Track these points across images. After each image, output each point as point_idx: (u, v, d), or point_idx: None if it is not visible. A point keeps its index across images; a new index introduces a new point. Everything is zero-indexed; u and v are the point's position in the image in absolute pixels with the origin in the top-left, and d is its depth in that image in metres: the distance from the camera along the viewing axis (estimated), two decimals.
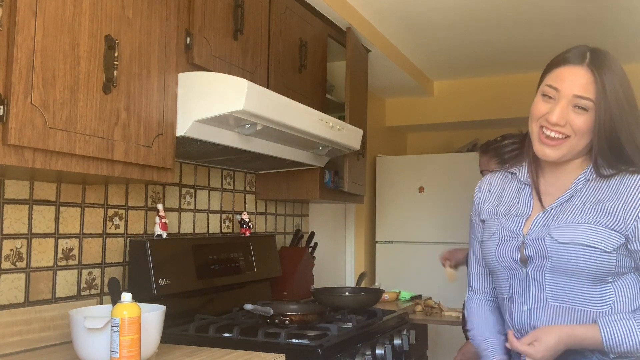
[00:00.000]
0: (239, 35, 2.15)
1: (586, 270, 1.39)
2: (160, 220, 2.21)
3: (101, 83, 1.56)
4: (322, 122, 2.30)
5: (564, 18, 3.22)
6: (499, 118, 4.42)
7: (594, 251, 1.37)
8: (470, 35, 3.53)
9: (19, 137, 1.33)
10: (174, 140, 1.83)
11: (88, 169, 1.54)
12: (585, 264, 1.38)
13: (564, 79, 1.42)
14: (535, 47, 3.71)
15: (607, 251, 1.37)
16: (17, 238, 1.77)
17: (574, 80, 1.41)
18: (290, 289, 2.87)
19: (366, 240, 4.32)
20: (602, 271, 1.38)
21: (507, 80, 4.43)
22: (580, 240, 1.39)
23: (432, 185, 4.24)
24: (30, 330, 1.76)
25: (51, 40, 1.41)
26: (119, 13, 1.62)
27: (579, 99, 1.40)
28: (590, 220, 1.40)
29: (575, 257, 1.39)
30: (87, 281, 1.99)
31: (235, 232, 2.77)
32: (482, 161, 2.39)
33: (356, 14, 3.12)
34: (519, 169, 1.58)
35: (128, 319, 1.45)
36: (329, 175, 2.97)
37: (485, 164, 2.37)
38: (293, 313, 2.14)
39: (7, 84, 1.32)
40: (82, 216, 1.97)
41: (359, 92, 3.13)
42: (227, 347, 1.85)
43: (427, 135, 5.21)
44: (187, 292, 2.21)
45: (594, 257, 1.37)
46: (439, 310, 3.04)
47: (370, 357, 2.07)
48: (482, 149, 2.42)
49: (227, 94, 1.83)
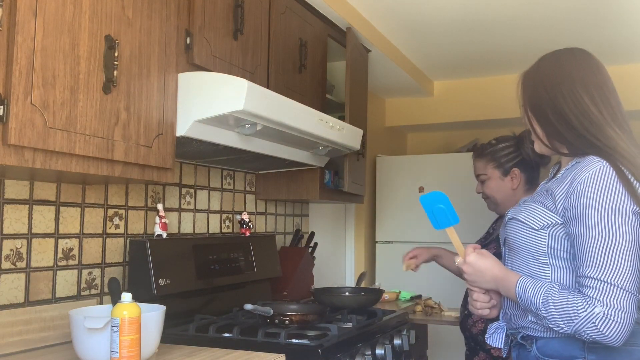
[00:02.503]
0: (239, 35, 2.15)
1: (521, 245, 1.47)
2: (160, 220, 2.21)
3: (101, 83, 1.56)
4: (322, 122, 2.30)
5: (563, 18, 3.22)
6: (499, 118, 4.42)
7: (524, 226, 1.46)
8: (470, 35, 3.53)
9: (19, 137, 1.33)
10: (174, 140, 1.83)
11: (88, 169, 1.54)
12: (517, 239, 1.48)
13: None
14: (535, 47, 3.71)
15: (535, 228, 1.43)
16: (17, 238, 1.77)
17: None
18: (290, 289, 2.87)
19: (366, 240, 4.32)
20: (533, 248, 1.44)
21: (507, 80, 4.43)
22: (517, 215, 1.49)
23: (432, 185, 4.23)
24: (30, 330, 1.76)
25: (51, 40, 1.41)
26: (119, 13, 1.62)
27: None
28: (537, 200, 1.48)
29: (512, 232, 1.50)
30: (87, 281, 1.99)
31: (235, 232, 2.77)
32: (479, 166, 2.38)
33: (356, 14, 3.12)
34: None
35: (128, 319, 1.45)
36: (329, 175, 2.97)
37: (482, 169, 2.36)
38: (293, 313, 2.13)
39: (7, 84, 1.32)
40: (82, 216, 1.97)
41: (359, 92, 3.13)
42: (227, 347, 1.85)
43: (427, 135, 5.21)
44: (187, 292, 2.21)
45: (523, 233, 1.46)
46: (439, 310, 3.04)
47: (370, 357, 2.07)
48: (477, 153, 2.40)
49: (227, 94, 1.83)
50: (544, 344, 1.43)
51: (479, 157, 2.38)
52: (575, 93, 1.42)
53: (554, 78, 1.46)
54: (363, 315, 2.45)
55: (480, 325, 2.31)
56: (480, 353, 2.32)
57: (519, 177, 2.29)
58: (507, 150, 2.31)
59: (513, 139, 2.33)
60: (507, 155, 2.30)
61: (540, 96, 1.47)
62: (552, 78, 1.46)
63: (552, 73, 1.47)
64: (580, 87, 1.43)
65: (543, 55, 1.54)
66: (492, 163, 2.32)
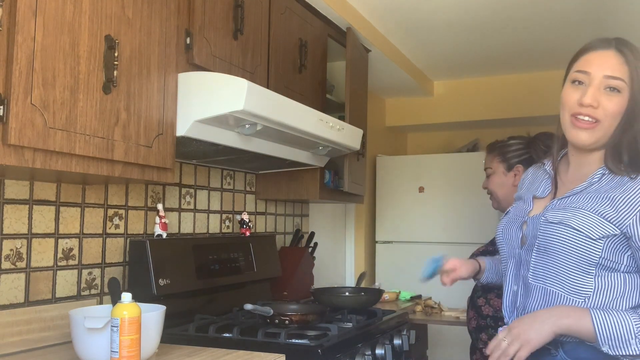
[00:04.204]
0: (239, 35, 2.15)
1: (567, 253, 1.38)
2: (160, 220, 2.22)
3: (101, 83, 1.56)
4: (322, 122, 2.30)
5: (564, 18, 3.22)
6: (499, 118, 4.43)
7: (579, 234, 1.36)
8: (470, 35, 3.53)
9: (19, 137, 1.33)
10: (174, 140, 1.83)
11: (88, 169, 1.54)
12: (567, 246, 1.38)
13: (592, 62, 1.41)
14: (535, 47, 3.71)
15: (592, 238, 1.35)
16: (17, 238, 1.77)
17: (603, 62, 1.40)
18: (290, 289, 2.87)
19: (366, 240, 4.32)
20: (585, 258, 1.36)
21: (507, 80, 4.43)
22: (568, 222, 1.38)
23: (432, 185, 4.24)
24: (30, 330, 1.76)
25: (51, 40, 1.41)
26: (119, 13, 1.62)
27: (610, 79, 1.39)
28: (586, 207, 1.39)
29: (559, 237, 1.39)
30: (87, 281, 1.99)
31: (235, 232, 2.77)
32: (487, 159, 2.43)
33: (356, 14, 3.12)
34: (549, 161, 1.60)
35: (128, 319, 1.45)
36: (329, 175, 2.97)
37: (489, 162, 2.41)
38: (293, 313, 2.13)
39: (7, 84, 1.32)
40: (82, 216, 1.97)
41: (359, 92, 3.13)
42: (227, 347, 1.85)
43: (427, 135, 5.21)
44: (187, 292, 2.21)
45: (577, 240, 1.36)
46: (439, 310, 3.04)
47: (370, 357, 2.07)
48: (489, 148, 2.45)
49: (227, 94, 1.83)
50: (574, 348, 1.38)
51: (490, 151, 2.43)
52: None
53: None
54: (363, 315, 2.45)
55: (473, 323, 2.30)
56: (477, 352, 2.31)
57: (521, 174, 2.30)
58: (516, 147, 2.34)
59: (525, 139, 2.36)
60: (515, 152, 2.33)
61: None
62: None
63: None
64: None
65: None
66: (498, 157, 2.36)
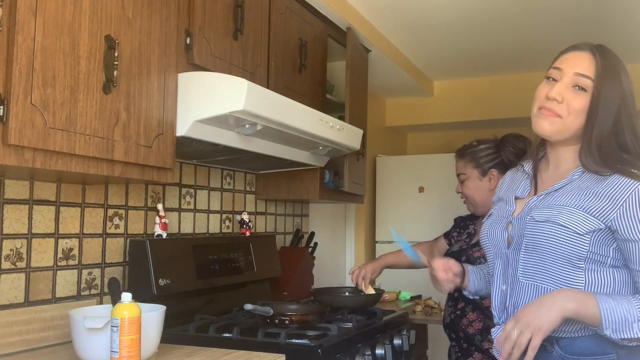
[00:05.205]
0: (239, 35, 2.15)
1: (556, 249, 1.41)
2: (160, 220, 2.22)
3: (101, 83, 1.56)
4: (322, 122, 2.30)
5: (563, 18, 3.22)
6: (499, 118, 4.43)
7: (566, 231, 1.39)
8: (470, 35, 3.53)
9: (19, 137, 1.34)
10: (174, 140, 1.83)
11: (88, 169, 1.54)
12: (556, 243, 1.41)
13: (567, 61, 1.48)
14: (535, 47, 3.71)
15: (579, 233, 1.38)
16: (17, 238, 1.77)
17: (576, 61, 1.46)
18: (290, 289, 2.87)
19: (366, 240, 4.32)
20: (573, 253, 1.39)
21: (507, 80, 4.43)
22: (555, 219, 1.42)
23: (432, 185, 4.24)
24: (30, 330, 1.76)
25: (51, 40, 1.41)
26: (119, 13, 1.62)
27: (580, 77, 1.44)
28: (571, 203, 1.42)
29: (547, 235, 1.42)
30: (87, 281, 1.99)
31: (235, 232, 2.77)
32: (459, 165, 2.45)
33: (356, 14, 3.12)
34: (528, 162, 1.64)
35: (128, 319, 1.45)
36: (329, 175, 2.97)
37: (461, 168, 2.44)
38: (293, 313, 2.13)
39: (7, 84, 1.32)
40: (82, 216, 1.97)
41: (359, 92, 3.13)
42: (227, 347, 1.85)
43: (427, 135, 5.21)
44: (187, 292, 2.21)
45: (564, 237, 1.40)
46: (439, 310, 3.04)
47: (370, 357, 2.07)
48: (459, 153, 2.47)
49: (227, 94, 1.83)
50: (569, 343, 1.40)
51: (460, 157, 2.45)
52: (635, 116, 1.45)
53: (631, 94, 1.46)
54: (363, 315, 2.45)
55: (478, 325, 2.29)
56: (475, 354, 2.30)
57: (496, 178, 2.35)
58: (487, 151, 2.38)
59: (494, 142, 2.41)
60: (487, 157, 2.37)
61: (615, 102, 1.43)
62: (630, 94, 1.46)
63: (630, 88, 1.47)
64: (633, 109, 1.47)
65: (615, 55, 1.49)
66: (471, 163, 2.40)
